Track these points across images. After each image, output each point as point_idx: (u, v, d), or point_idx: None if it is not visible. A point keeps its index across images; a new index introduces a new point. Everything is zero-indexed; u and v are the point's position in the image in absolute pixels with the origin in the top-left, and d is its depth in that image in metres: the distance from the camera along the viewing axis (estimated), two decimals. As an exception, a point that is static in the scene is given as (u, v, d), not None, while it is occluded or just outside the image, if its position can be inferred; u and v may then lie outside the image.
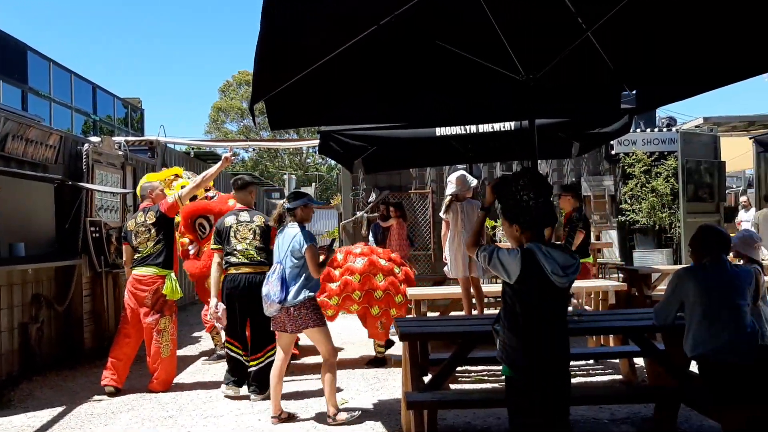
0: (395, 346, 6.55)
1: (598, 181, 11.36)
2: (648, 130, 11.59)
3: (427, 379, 4.36)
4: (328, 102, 4.15)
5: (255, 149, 37.44)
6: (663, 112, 13.42)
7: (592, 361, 6.26)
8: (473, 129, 5.73)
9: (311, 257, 4.54)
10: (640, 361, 5.66)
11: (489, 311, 6.60)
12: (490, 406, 4.52)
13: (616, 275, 9.65)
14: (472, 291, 6.23)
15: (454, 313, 7.03)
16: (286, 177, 33.42)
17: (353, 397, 5.38)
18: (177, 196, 5.85)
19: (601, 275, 9.26)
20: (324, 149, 5.64)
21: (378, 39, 3.47)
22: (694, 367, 3.96)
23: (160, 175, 6.85)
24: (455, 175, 6.32)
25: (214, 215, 6.28)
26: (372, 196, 10.81)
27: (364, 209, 10.78)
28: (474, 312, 6.19)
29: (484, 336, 4.06)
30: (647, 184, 11.06)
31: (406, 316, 6.49)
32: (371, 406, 5.14)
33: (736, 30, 3.35)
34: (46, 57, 18.03)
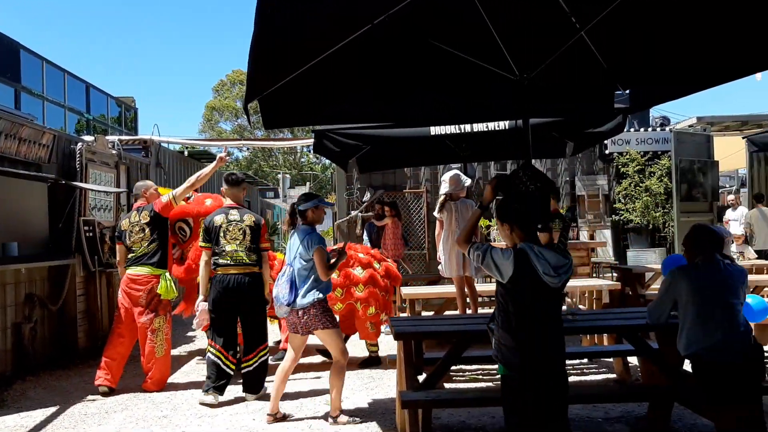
0: (392, 346, 6.56)
1: (592, 181, 11.40)
2: (642, 129, 11.62)
3: (421, 378, 4.36)
4: (323, 101, 4.15)
5: (249, 148, 37.42)
6: (656, 112, 13.48)
7: (585, 360, 6.27)
8: (468, 128, 5.73)
9: (320, 260, 4.50)
10: (633, 360, 5.68)
11: (483, 310, 6.61)
12: (485, 405, 4.53)
13: (610, 274, 9.69)
14: (466, 290, 6.24)
15: (448, 312, 7.04)
16: (281, 176, 33.44)
17: (348, 397, 5.38)
18: (171, 195, 5.84)
19: (594, 274, 9.28)
20: (319, 148, 5.63)
21: (373, 38, 3.47)
22: (687, 366, 3.97)
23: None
24: (449, 174, 6.33)
25: (193, 217, 6.22)
26: (366, 196, 10.80)
27: (358, 208, 10.78)
28: (468, 311, 6.20)
29: (478, 335, 4.07)
30: (641, 183, 11.09)
31: (392, 315, 6.48)
32: (366, 406, 5.14)
33: (728, 30, 3.36)
34: (40, 56, 17.92)
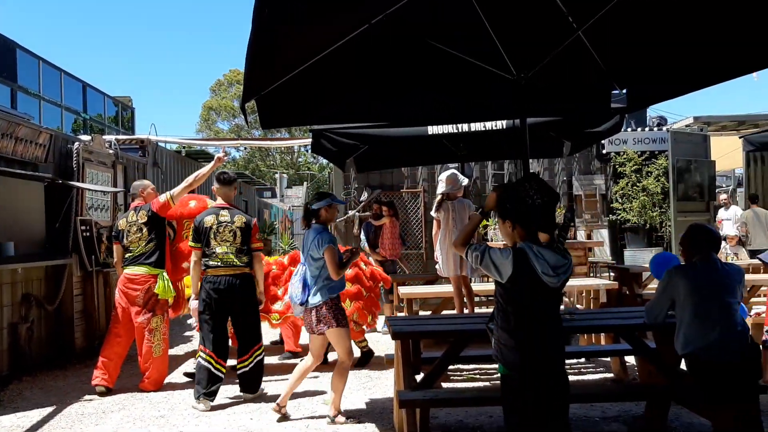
0: (390, 345, 6.55)
1: (589, 180, 11.41)
2: (639, 129, 11.64)
3: (419, 377, 4.36)
4: (320, 101, 4.15)
5: (246, 148, 37.38)
6: (653, 112, 13.53)
7: (583, 360, 6.28)
8: (465, 128, 5.73)
9: (330, 258, 4.49)
10: (631, 359, 5.69)
11: (480, 310, 6.61)
12: (482, 405, 4.54)
13: (608, 274, 9.69)
14: (463, 290, 6.24)
15: (445, 311, 7.04)
16: (278, 176, 33.38)
17: (346, 396, 5.36)
18: (169, 195, 5.83)
19: (592, 274, 9.30)
20: (316, 148, 5.63)
21: (370, 37, 3.47)
22: (684, 365, 3.98)
23: None
24: (446, 173, 6.32)
25: (176, 219, 6.21)
26: (364, 195, 10.81)
27: (356, 208, 10.77)
28: (465, 311, 6.20)
29: (475, 334, 4.07)
30: (638, 183, 11.10)
31: (377, 312, 6.49)
32: (364, 405, 5.14)
33: (725, 29, 3.37)
34: (36, 55, 17.87)
